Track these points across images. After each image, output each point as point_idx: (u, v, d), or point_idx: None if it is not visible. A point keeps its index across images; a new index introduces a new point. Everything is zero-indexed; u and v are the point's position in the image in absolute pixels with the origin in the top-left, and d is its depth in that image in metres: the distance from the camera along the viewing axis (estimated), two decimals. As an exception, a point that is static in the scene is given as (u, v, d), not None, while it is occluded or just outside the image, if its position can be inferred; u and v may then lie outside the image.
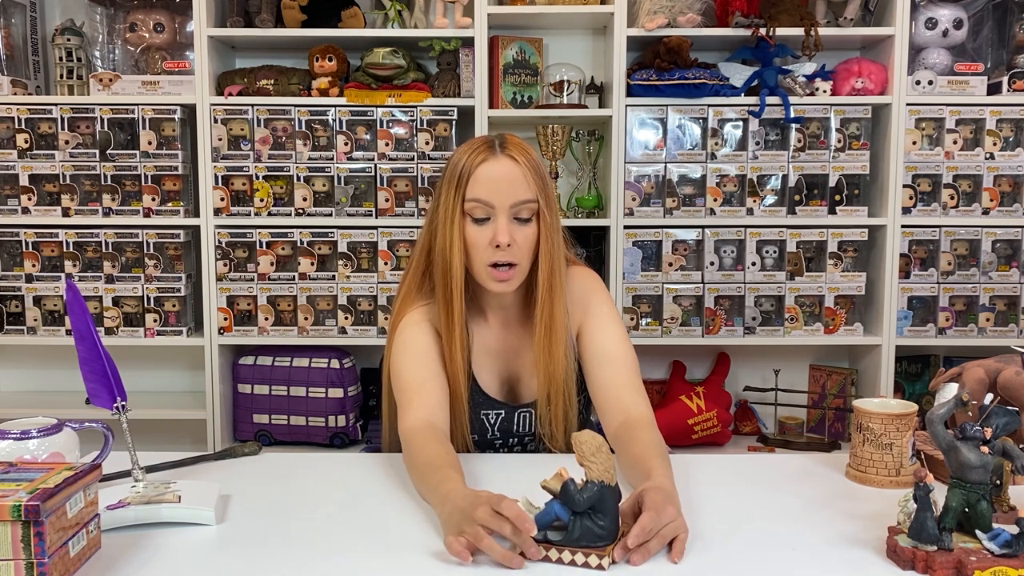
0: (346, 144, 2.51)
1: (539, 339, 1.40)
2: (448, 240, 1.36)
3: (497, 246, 1.33)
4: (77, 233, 2.54)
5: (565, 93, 2.57)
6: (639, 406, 1.36)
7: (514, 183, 1.34)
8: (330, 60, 2.50)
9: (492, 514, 0.97)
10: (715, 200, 2.53)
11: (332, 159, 2.51)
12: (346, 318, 2.55)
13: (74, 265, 2.55)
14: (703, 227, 2.54)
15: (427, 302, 1.44)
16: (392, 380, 1.41)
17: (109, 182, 2.53)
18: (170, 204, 2.53)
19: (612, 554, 0.97)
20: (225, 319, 2.55)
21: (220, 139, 2.51)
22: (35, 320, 2.56)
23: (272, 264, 2.54)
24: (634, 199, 2.53)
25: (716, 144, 2.52)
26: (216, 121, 2.50)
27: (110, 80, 2.52)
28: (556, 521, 0.98)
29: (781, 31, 2.46)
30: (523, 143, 1.40)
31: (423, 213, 2.51)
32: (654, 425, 1.33)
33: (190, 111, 2.56)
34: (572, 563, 0.97)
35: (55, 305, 2.57)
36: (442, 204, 1.37)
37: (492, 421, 1.47)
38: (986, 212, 2.54)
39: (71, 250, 2.54)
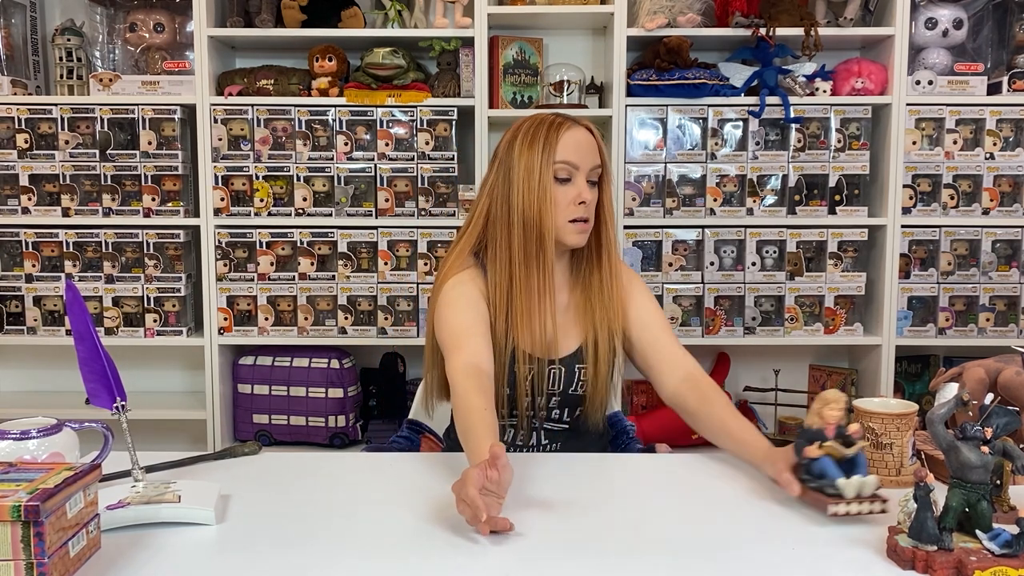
0: (346, 144, 2.51)
1: (606, 280, 1.53)
2: (537, 199, 1.46)
3: (581, 203, 1.46)
4: (77, 233, 2.54)
5: (565, 93, 2.56)
6: (690, 361, 1.52)
7: (592, 150, 1.49)
8: (330, 60, 2.50)
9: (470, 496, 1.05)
10: (715, 200, 2.53)
11: (332, 159, 2.51)
12: (346, 318, 2.55)
13: (74, 265, 2.55)
14: (703, 227, 2.54)
15: (473, 265, 1.52)
16: (438, 328, 1.48)
17: (109, 182, 2.52)
18: (170, 204, 2.53)
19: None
20: (225, 319, 2.55)
21: (220, 139, 2.51)
22: (35, 320, 2.56)
23: (272, 264, 2.54)
24: (634, 199, 2.53)
25: (716, 144, 2.52)
26: (216, 121, 2.50)
27: (110, 80, 2.52)
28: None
29: (781, 31, 2.46)
30: None
31: (423, 213, 2.52)
32: (711, 380, 1.50)
33: (190, 111, 2.56)
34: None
35: (55, 305, 2.57)
36: (524, 168, 1.46)
37: (524, 374, 1.50)
38: (986, 212, 2.54)
39: (71, 250, 2.54)
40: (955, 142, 2.52)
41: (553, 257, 1.48)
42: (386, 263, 2.53)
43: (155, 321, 2.56)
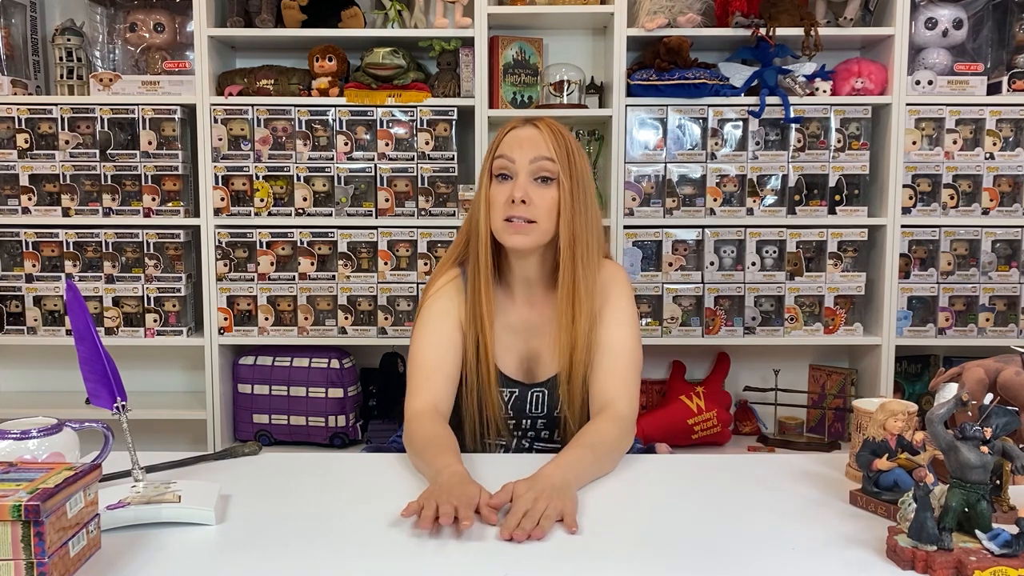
0: (346, 144, 2.51)
1: (561, 303, 1.43)
2: (477, 200, 1.46)
3: (513, 201, 1.39)
4: (77, 233, 2.54)
5: (565, 93, 2.56)
6: (621, 401, 1.40)
7: (535, 143, 1.41)
8: (330, 60, 2.50)
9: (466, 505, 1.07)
10: (715, 200, 2.53)
11: (332, 159, 2.51)
12: (346, 318, 2.55)
13: (74, 265, 2.55)
14: (703, 227, 2.54)
15: (459, 275, 1.52)
16: (411, 351, 1.48)
17: (109, 182, 2.53)
18: (170, 204, 2.53)
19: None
20: (225, 319, 2.55)
21: (220, 139, 2.51)
22: (35, 320, 2.56)
23: (272, 264, 2.54)
24: (634, 199, 2.53)
25: (716, 144, 2.52)
26: (216, 121, 2.50)
27: (110, 80, 2.52)
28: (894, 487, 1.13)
29: (781, 31, 2.46)
30: (558, 124, 1.47)
31: (423, 213, 2.52)
32: (621, 421, 1.37)
33: (190, 111, 2.56)
34: None
35: (55, 305, 2.57)
36: (479, 173, 1.49)
37: (506, 399, 1.49)
38: (986, 212, 2.54)
39: (71, 250, 2.54)
40: (955, 142, 2.52)
41: (488, 260, 1.43)
42: (386, 263, 2.53)
43: (155, 321, 2.56)
